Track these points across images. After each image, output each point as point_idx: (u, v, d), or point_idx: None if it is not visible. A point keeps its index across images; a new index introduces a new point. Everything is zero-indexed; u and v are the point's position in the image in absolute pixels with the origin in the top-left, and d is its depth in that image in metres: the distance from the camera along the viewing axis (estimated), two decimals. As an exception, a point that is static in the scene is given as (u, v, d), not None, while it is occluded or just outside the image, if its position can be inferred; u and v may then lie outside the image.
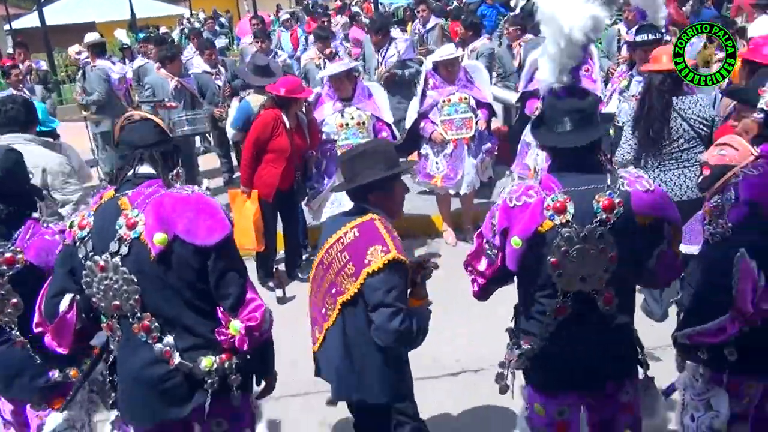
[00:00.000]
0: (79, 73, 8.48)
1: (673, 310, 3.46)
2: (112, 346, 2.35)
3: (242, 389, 2.32)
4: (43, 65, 10.76)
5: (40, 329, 2.31)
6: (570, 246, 2.10)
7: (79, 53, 8.72)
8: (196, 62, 8.24)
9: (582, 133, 2.18)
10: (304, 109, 5.20)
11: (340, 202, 5.24)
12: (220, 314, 2.20)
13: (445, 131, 5.59)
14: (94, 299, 2.22)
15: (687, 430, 2.58)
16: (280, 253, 5.62)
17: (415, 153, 5.89)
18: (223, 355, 2.22)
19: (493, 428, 3.40)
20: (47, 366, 2.57)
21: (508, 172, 5.53)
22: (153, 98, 7.01)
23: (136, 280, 2.15)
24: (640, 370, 2.42)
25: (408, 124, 5.73)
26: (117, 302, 2.19)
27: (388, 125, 5.46)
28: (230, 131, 5.86)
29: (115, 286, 2.17)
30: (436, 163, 5.65)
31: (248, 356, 2.26)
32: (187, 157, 6.73)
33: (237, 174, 7.28)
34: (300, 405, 3.14)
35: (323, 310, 2.56)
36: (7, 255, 2.47)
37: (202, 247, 2.14)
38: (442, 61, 5.54)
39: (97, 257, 2.18)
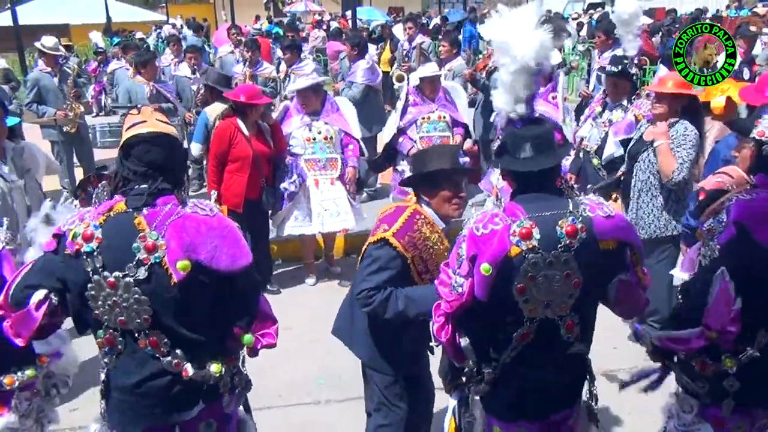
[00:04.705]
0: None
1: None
2: (105, 360, 2.23)
3: (231, 392, 2.32)
4: (3, 63, 10.17)
5: (1, 312, 2.19)
6: (537, 272, 2.10)
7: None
8: (182, 66, 8.21)
9: (543, 157, 2.21)
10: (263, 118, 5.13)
11: (305, 217, 5.26)
12: (235, 329, 2.24)
13: (424, 148, 5.63)
14: (96, 311, 2.15)
15: None
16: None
17: (391, 168, 5.93)
18: (228, 359, 2.29)
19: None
20: None
21: (487, 196, 5.52)
22: (128, 104, 6.92)
23: (150, 301, 2.11)
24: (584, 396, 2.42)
25: (386, 139, 5.77)
26: (123, 318, 2.13)
27: (356, 140, 5.48)
28: (194, 147, 5.71)
29: (124, 304, 2.11)
30: (412, 179, 5.66)
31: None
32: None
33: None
34: (265, 416, 3.11)
35: None
36: None
37: (225, 273, 2.14)
38: (428, 77, 5.64)
39: (107, 273, 2.10)
